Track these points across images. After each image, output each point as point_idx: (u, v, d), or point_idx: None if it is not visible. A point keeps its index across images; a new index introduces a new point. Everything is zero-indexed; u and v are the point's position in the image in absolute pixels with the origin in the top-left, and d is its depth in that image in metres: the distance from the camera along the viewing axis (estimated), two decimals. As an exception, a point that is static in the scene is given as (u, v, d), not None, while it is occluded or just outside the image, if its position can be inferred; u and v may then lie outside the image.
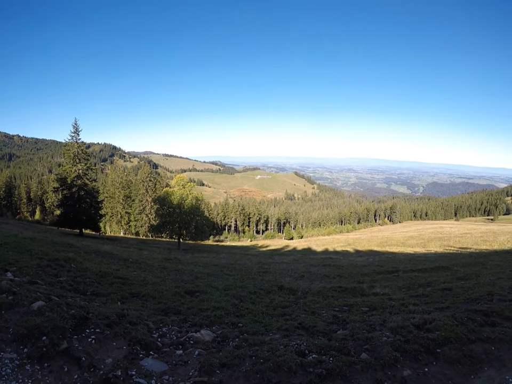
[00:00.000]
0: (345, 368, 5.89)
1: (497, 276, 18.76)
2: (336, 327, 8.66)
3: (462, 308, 9.89)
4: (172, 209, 52.63)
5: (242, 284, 14.90)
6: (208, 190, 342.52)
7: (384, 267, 27.34)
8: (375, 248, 57.66)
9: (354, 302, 12.12)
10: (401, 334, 7.50)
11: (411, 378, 6.00)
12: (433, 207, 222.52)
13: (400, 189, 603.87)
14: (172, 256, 31.31)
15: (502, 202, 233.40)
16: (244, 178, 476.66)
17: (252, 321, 8.97)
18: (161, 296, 11.01)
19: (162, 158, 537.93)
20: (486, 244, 52.90)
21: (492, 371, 6.56)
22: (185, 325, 8.48)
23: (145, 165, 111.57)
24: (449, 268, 24.82)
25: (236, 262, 30.51)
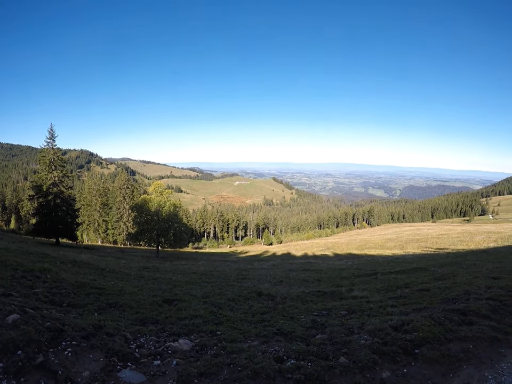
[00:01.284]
0: (323, 372, 5.93)
1: (473, 275, 19.06)
2: (315, 332, 8.70)
3: (439, 308, 10.04)
4: (150, 216, 52.12)
5: (221, 291, 14.88)
6: (187, 197, 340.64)
7: (363, 270, 27.54)
8: (354, 252, 58.12)
9: (333, 305, 12.20)
10: (379, 337, 7.59)
11: (390, 380, 6.08)
12: (410, 210, 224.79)
13: (378, 193, 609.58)
14: (150, 264, 31.10)
15: (477, 203, 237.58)
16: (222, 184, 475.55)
17: (230, 329, 8.94)
18: (139, 306, 10.87)
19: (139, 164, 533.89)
20: (463, 244, 53.76)
21: (471, 369, 6.71)
22: (163, 335, 8.40)
23: (122, 171, 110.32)
24: (426, 269, 25.12)
25: (214, 269, 30.46)
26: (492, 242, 53.09)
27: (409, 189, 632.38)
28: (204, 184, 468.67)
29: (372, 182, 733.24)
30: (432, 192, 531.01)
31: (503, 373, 6.75)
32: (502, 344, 7.93)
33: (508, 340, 8.15)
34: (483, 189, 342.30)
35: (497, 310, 9.83)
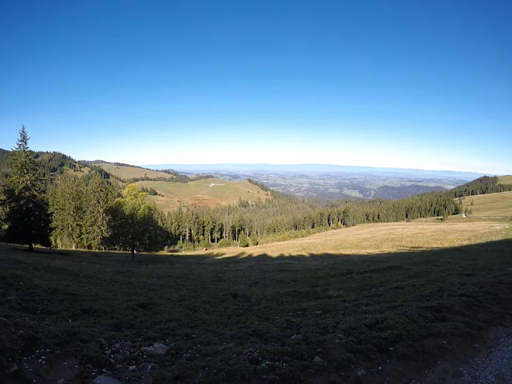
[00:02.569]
0: (298, 372, 5.97)
1: (447, 272, 19.38)
2: (290, 332, 8.78)
3: (413, 305, 10.20)
4: (124, 220, 51.41)
5: (196, 294, 14.87)
6: (161, 199, 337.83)
7: (338, 269, 27.71)
8: (330, 252, 58.44)
9: (309, 305, 12.28)
10: (353, 335, 7.68)
11: (365, 377, 6.15)
12: (385, 210, 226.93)
13: (353, 193, 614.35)
14: (125, 268, 30.78)
15: (450, 202, 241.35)
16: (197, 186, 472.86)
17: (205, 332, 8.95)
18: (114, 311, 10.79)
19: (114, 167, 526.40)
20: (437, 242, 54.53)
21: (445, 364, 6.85)
22: (139, 339, 8.38)
23: (96, 174, 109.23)
24: (401, 267, 25.44)
25: (190, 272, 30.31)
26: (465, 240, 53.97)
27: (384, 189, 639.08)
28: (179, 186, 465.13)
29: (347, 183, 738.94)
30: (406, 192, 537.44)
31: (477, 368, 6.92)
32: (476, 339, 8.11)
33: (481, 335, 8.33)
34: (456, 189, 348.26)
35: (470, 306, 10.02)
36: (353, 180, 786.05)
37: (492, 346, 8.03)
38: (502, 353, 7.72)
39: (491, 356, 7.57)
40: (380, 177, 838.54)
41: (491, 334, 8.55)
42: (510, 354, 7.68)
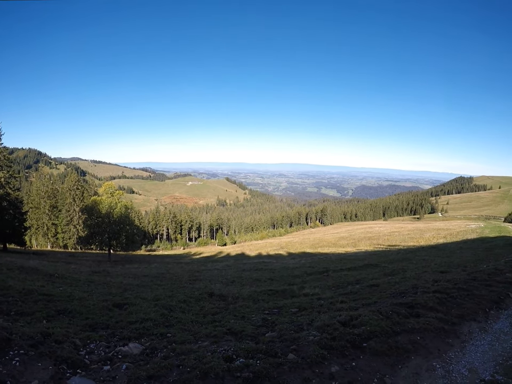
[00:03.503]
0: (272, 369, 6.00)
1: (422, 269, 19.66)
2: (265, 330, 8.82)
3: (387, 302, 10.32)
4: (101, 219, 50.64)
5: (172, 293, 14.82)
6: (139, 198, 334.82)
7: (315, 268, 27.86)
8: (308, 250, 58.69)
9: (284, 304, 12.34)
10: (327, 332, 7.74)
11: (339, 373, 6.21)
12: (362, 209, 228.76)
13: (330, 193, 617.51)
14: (101, 268, 30.47)
15: (427, 202, 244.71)
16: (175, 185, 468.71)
17: (181, 331, 8.94)
18: (89, 311, 10.70)
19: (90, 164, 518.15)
20: (413, 241, 55.28)
21: (419, 359, 6.96)
22: (114, 340, 8.33)
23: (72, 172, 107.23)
24: (377, 265, 25.72)
25: (167, 271, 30.17)
26: (441, 238, 54.86)
27: (361, 189, 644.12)
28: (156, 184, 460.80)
29: (325, 182, 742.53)
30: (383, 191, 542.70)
31: (451, 362, 7.06)
32: (449, 334, 8.25)
33: (454, 330, 8.47)
34: (432, 189, 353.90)
35: (444, 302, 10.17)
36: (331, 179, 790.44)
37: (465, 341, 8.18)
38: (475, 348, 7.88)
39: (464, 350, 7.72)
40: (357, 177, 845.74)
41: (464, 329, 8.70)
42: (483, 349, 7.85)
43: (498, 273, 15.55)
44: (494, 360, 7.40)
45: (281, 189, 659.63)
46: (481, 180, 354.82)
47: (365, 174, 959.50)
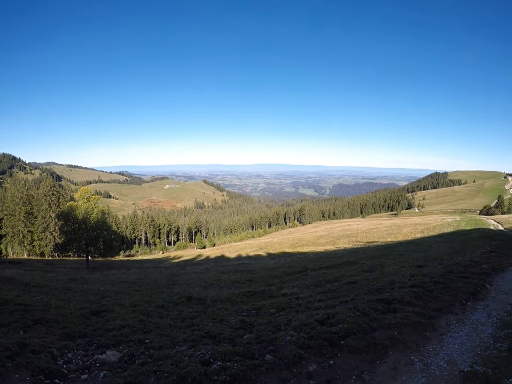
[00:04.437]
0: (249, 371, 6.00)
1: (400, 265, 19.86)
2: (243, 332, 8.79)
3: (365, 298, 10.38)
4: (77, 225, 49.58)
5: (150, 299, 14.71)
6: (116, 202, 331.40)
7: (294, 267, 27.92)
8: (287, 250, 58.85)
9: (263, 305, 12.32)
10: (304, 331, 7.77)
11: (317, 372, 6.23)
12: (340, 207, 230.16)
13: (308, 192, 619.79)
14: (78, 276, 30.08)
15: (403, 198, 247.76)
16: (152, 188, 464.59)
17: (159, 336, 8.88)
18: (66, 320, 10.57)
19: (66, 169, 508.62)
20: (391, 237, 55.84)
21: (397, 354, 7.00)
22: (91, 348, 8.24)
23: (47, 177, 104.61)
24: (356, 262, 25.90)
25: (146, 276, 29.95)
26: (418, 233, 55.57)
27: (339, 187, 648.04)
28: (134, 188, 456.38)
29: (302, 182, 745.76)
30: (360, 189, 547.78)
31: (429, 355, 7.12)
32: (427, 328, 8.33)
33: (432, 323, 8.56)
34: (409, 185, 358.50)
35: (421, 296, 10.27)
36: (309, 179, 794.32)
37: (443, 333, 8.26)
38: (453, 340, 7.97)
39: (442, 342, 7.80)
40: (334, 176, 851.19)
41: (442, 322, 8.79)
42: (461, 340, 7.94)
43: (474, 265, 15.80)
44: (473, 351, 7.49)
45: (259, 189, 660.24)
46: (456, 174, 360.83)
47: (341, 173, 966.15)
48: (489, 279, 13.48)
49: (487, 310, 10.02)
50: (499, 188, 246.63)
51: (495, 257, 19.16)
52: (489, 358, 7.07)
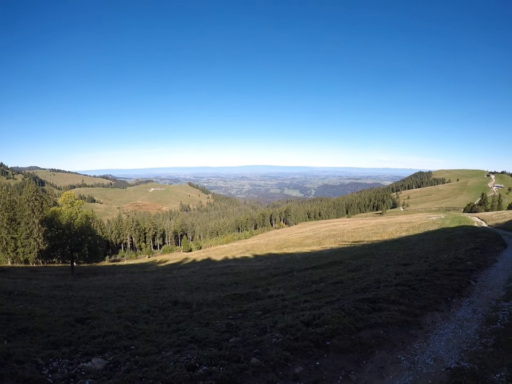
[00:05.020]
0: (235, 375, 5.97)
1: (385, 263, 19.97)
2: (229, 335, 8.76)
3: (350, 298, 10.42)
4: (61, 230, 48.76)
5: (136, 304, 14.59)
6: (100, 207, 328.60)
7: (281, 269, 27.92)
8: (274, 251, 58.83)
9: (249, 307, 12.30)
10: (290, 333, 7.77)
11: (303, 374, 6.22)
12: (325, 207, 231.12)
13: (293, 193, 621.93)
14: (63, 283, 29.66)
15: (388, 197, 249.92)
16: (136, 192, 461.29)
17: (144, 342, 8.82)
18: (51, 329, 10.46)
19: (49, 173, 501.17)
20: (377, 236, 56.13)
21: (383, 353, 7.02)
22: (77, 356, 8.12)
23: (30, 182, 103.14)
24: (342, 262, 25.97)
25: (132, 281, 29.71)
26: (403, 231, 55.96)
27: (324, 188, 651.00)
28: (118, 192, 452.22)
29: (288, 183, 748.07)
30: (345, 189, 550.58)
31: (415, 353, 7.15)
32: (412, 326, 8.37)
33: (418, 321, 8.60)
34: (393, 184, 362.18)
35: (406, 294, 10.32)
36: (294, 180, 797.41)
37: (429, 331, 8.31)
38: (439, 337, 8.02)
39: (428, 340, 7.85)
40: (319, 176, 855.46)
41: (427, 320, 8.84)
42: (447, 337, 7.99)
43: (458, 262, 15.94)
44: (459, 347, 7.55)
45: (244, 191, 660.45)
46: (440, 173, 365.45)
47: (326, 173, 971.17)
48: (473, 275, 13.62)
49: (472, 306, 10.11)
50: (482, 186, 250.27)
51: (479, 254, 19.37)
52: (476, 354, 7.13)
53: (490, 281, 13.01)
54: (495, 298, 10.90)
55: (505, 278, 13.63)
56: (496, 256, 19.68)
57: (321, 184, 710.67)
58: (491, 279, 13.46)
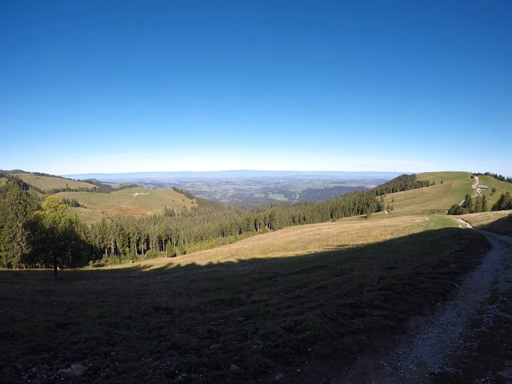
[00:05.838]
0: (214, 383, 5.92)
1: (369, 267, 20.00)
2: (210, 342, 8.68)
3: (333, 303, 10.37)
4: (45, 234, 48.19)
5: (118, 310, 14.46)
6: (84, 211, 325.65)
7: (264, 274, 27.85)
8: (258, 256, 58.78)
9: (231, 313, 12.21)
10: (271, 340, 7.72)
11: (283, 381, 6.17)
12: (310, 211, 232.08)
13: (278, 197, 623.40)
14: (45, 287, 29.29)
15: (373, 201, 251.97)
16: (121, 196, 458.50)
17: (125, 348, 8.72)
18: (31, 333, 10.33)
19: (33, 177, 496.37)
20: (362, 239, 56.35)
21: (366, 359, 6.96)
22: (56, 362, 8.03)
23: (14, 185, 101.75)
24: (326, 266, 25.96)
25: (114, 286, 29.43)
26: (388, 235, 56.29)
27: (308, 192, 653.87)
28: (102, 196, 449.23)
29: (272, 187, 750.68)
30: (330, 193, 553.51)
31: (398, 359, 7.09)
32: (396, 331, 8.33)
33: (401, 326, 8.57)
34: (377, 188, 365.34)
35: (389, 299, 10.30)
36: (278, 184, 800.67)
37: (412, 335, 8.28)
38: (423, 341, 8.00)
39: (412, 345, 7.82)
40: (303, 181, 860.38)
41: (411, 324, 8.81)
42: (430, 342, 7.97)
43: (443, 264, 16.00)
44: (443, 352, 7.52)
45: (228, 196, 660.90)
46: (424, 176, 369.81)
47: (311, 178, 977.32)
48: (458, 278, 13.68)
49: (456, 310, 10.12)
50: (466, 188, 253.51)
51: (463, 256, 19.49)
52: (460, 358, 7.10)
53: (475, 284, 13.07)
54: (479, 301, 10.92)
55: (490, 280, 13.70)
56: (480, 258, 19.84)
57: (305, 188, 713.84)
58: (476, 281, 13.52)
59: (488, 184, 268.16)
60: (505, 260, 19.12)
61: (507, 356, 7.04)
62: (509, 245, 27.11)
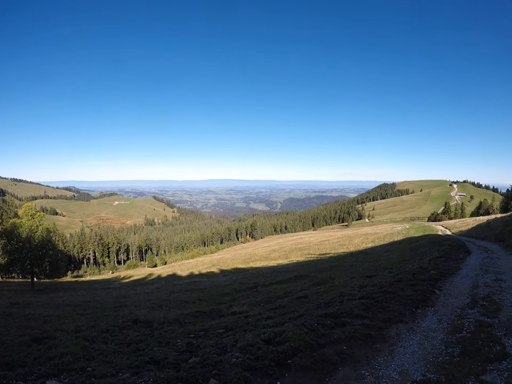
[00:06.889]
0: (192, 398, 5.73)
1: (350, 276, 20.00)
2: (188, 356, 8.53)
3: (314, 313, 10.30)
4: (21, 243, 46.99)
5: (95, 323, 14.22)
6: (63, 220, 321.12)
7: (246, 284, 27.71)
8: (240, 266, 58.59)
9: (211, 325, 12.06)
10: (250, 352, 7.63)
11: (263, 395, 6.01)
12: (292, 221, 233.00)
13: (259, 207, 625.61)
14: (21, 299, 28.69)
15: (354, 209, 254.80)
16: (100, 205, 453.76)
17: (102, 363, 8.52)
18: (5, 348, 10.10)
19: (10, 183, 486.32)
20: (343, 248, 56.58)
21: (347, 370, 6.89)
22: (31, 378, 7.79)
23: None
24: (307, 275, 25.91)
25: (93, 298, 28.96)
26: (369, 242, 56.60)
27: (290, 201, 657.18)
28: (81, 205, 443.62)
29: (253, 197, 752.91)
30: (311, 202, 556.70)
31: (380, 368, 7.02)
32: (377, 340, 8.27)
33: (382, 334, 8.51)
34: (358, 196, 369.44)
35: (370, 308, 10.26)
36: (260, 194, 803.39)
37: (393, 344, 8.23)
38: (404, 349, 7.95)
39: (393, 353, 7.76)
40: (285, 190, 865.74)
41: (392, 332, 8.76)
42: (412, 349, 7.93)
43: (423, 271, 16.08)
44: (425, 359, 7.49)
45: (210, 205, 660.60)
46: (404, 185, 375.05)
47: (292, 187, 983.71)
48: (438, 284, 13.73)
49: (437, 316, 10.13)
50: (445, 195, 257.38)
51: (443, 262, 19.62)
52: (442, 365, 7.08)
53: (455, 289, 13.12)
54: (460, 306, 10.96)
55: (469, 285, 13.78)
56: (460, 263, 19.97)
57: (287, 197, 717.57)
58: (456, 287, 13.58)
59: (467, 191, 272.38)
60: (484, 265, 19.29)
61: (489, 359, 7.05)
62: (487, 250, 27.42)
